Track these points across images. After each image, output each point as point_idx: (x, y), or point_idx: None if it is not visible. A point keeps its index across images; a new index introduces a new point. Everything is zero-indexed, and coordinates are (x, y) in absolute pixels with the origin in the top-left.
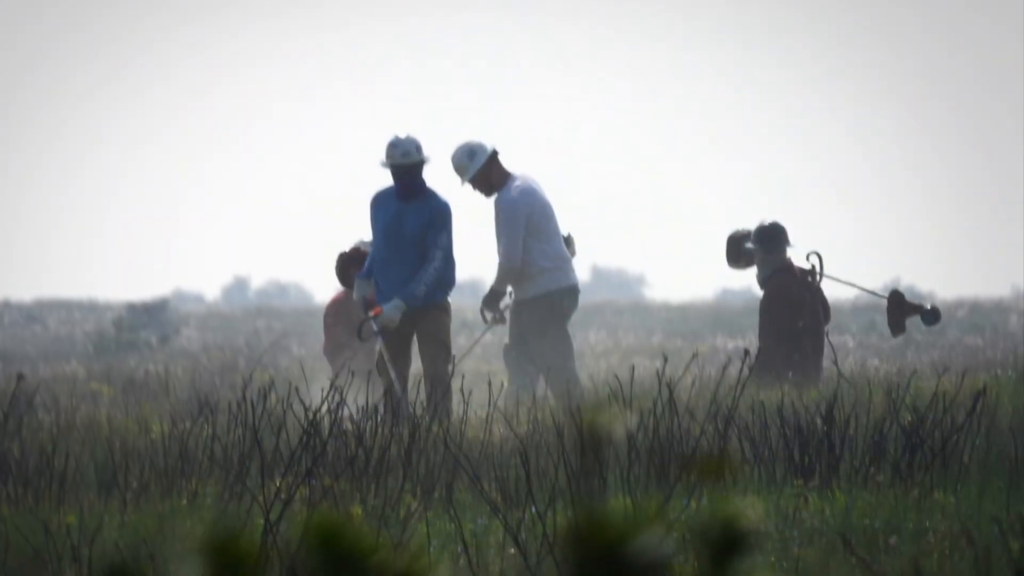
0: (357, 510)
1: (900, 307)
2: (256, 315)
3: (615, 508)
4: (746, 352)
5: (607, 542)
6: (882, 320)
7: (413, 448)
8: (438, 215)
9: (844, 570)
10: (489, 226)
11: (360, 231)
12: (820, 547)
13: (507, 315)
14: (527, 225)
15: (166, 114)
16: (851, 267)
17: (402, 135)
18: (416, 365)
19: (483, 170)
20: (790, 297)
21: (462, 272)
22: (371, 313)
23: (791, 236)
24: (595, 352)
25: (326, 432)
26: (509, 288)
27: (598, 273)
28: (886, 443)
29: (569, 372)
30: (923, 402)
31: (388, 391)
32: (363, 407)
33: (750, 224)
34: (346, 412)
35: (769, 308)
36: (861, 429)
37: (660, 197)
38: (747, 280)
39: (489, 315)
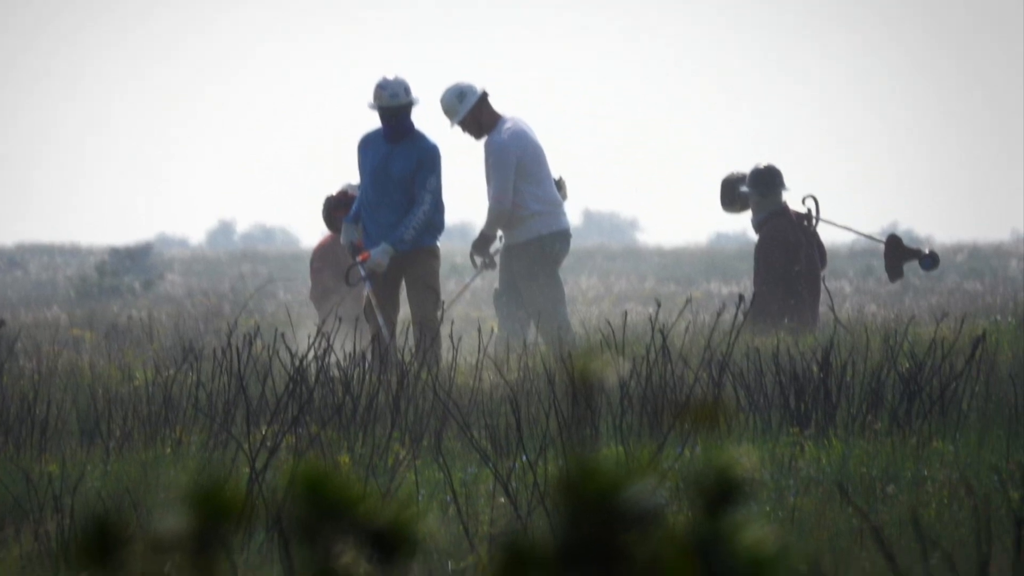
0: (344, 459)
1: (898, 252)
2: (241, 260)
3: (607, 457)
4: (741, 297)
5: (599, 491)
6: (879, 265)
7: (401, 395)
8: (427, 158)
9: (841, 519)
10: (479, 169)
11: (347, 174)
12: (816, 496)
13: (497, 260)
14: (518, 168)
15: (150, 55)
16: (848, 211)
17: (390, 76)
18: (404, 310)
19: (473, 112)
20: (786, 241)
21: (451, 216)
22: (359, 258)
23: (787, 179)
24: (587, 298)
25: (313, 379)
26: (500, 232)
27: (590, 217)
28: (884, 390)
29: (560, 318)
30: (921, 349)
31: (376, 337)
32: (350, 353)
33: (745, 167)
34: (333, 359)
35: (764, 252)
36: (858, 376)
37: (653, 140)
38: (742, 224)
39: (479, 260)
